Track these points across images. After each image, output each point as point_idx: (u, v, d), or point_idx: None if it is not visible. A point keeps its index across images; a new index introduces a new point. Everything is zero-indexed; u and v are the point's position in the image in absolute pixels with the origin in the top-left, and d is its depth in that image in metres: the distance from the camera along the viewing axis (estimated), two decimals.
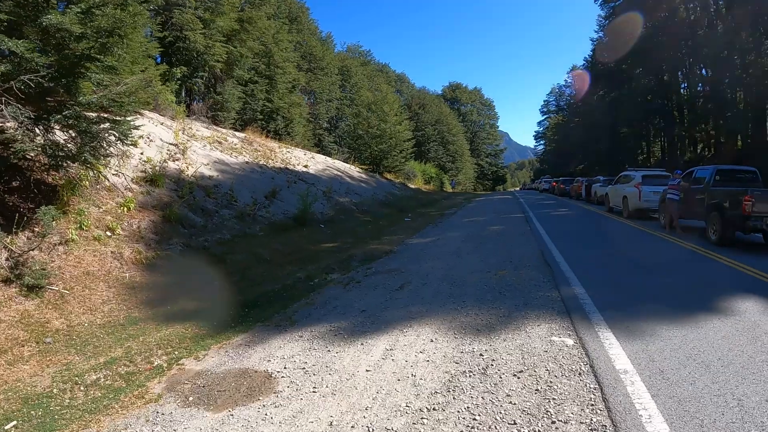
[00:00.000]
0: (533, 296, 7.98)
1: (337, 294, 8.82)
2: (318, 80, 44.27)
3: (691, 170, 16.61)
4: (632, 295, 7.97)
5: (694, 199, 15.26)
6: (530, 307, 7.37)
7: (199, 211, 13.14)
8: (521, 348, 5.73)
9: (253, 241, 12.86)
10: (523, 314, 7.02)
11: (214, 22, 25.69)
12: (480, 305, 7.51)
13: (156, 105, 19.22)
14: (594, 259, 11.25)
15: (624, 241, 14.83)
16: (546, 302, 7.61)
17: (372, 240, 15.84)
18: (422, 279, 9.60)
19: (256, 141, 25.10)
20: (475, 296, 8.08)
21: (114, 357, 5.98)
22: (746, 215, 12.46)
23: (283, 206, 17.20)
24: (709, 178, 14.94)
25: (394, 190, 36.48)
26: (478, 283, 8.99)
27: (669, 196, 16.12)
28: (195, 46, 24.51)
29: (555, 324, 6.55)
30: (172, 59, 24.73)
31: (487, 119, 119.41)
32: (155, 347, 6.32)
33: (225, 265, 10.62)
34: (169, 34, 23.79)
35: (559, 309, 7.22)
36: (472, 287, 8.73)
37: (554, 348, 5.70)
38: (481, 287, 8.70)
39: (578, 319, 6.69)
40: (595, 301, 7.56)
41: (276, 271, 10.87)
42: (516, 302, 7.64)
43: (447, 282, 9.22)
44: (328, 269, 11.15)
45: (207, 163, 16.70)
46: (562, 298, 7.81)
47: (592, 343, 5.82)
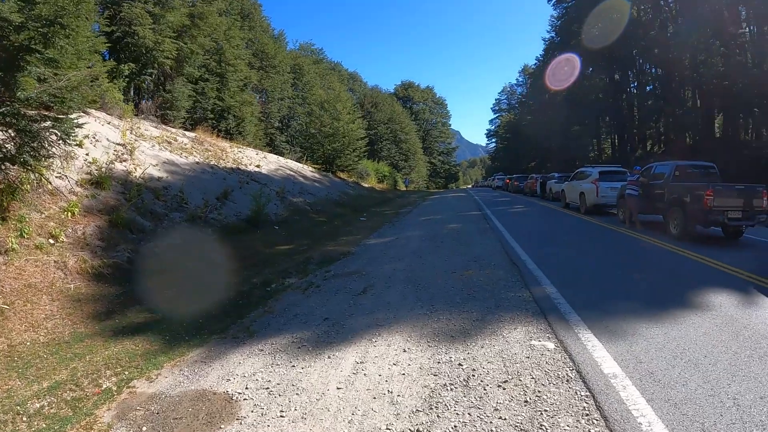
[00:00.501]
0: (504, 297, 7.83)
1: (296, 300, 8.46)
2: (270, 78, 43.55)
3: (650, 166, 16.87)
4: (605, 293, 8.01)
5: (654, 195, 15.61)
6: (503, 309, 7.22)
7: (147, 214, 12.64)
8: (501, 355, 5.54)
9: (205, 245, 12.42)
10: (497, 317, 6.85)
11: (164, 17, 24.93)
12: (450, 309, 7.31)
13: (103, 104, 18.54)
14: (559, 257, 11.26)
15: (586, 237, 14.94)
16: (519, 303, 7.49)
17: (328, 241, 15.51)
18: (385, 282, 9.34)
19: (206, 141, 24.51)
20: (443, 299, 7.87)
21: (59, 380, 5.47)
22: (707, 209, 12.85)
23: (236, 208, 16.78)
24: (668, 173, 15.27)
25: (348, 190, 36.16)
26: (445, 285, 8.80)
27: (628, 192, 16.36)
28: (144, 42, 23.68)
29: (532, 326, 6.42)
30: (120, 56, 23.84)
31: (440, 117, 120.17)
32: (103, 367, 5.84)
33: (176, 272, 10.15)
34: (117, 29, 22.98)
35: (533, 310, 7.11)
36: (439, 289, 8.52)
37: (536, 353, 5.54)
38: (449, 289, 8.51)
39: (555, 321, 6.61)
40: (568, 300, 7.51)
41: (230, 277, 10.41)
42: (487, 304, 7.47)
43: (412, 284, 8.99)
44: (285, 273, 10.81)
45: (156, 163, 16.17)
46: (534, 299, 7.71)
47: (574, 345, 5.71)
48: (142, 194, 13.23)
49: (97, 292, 8.49)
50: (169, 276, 9.82)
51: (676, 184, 14.73)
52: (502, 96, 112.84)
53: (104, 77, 19.38)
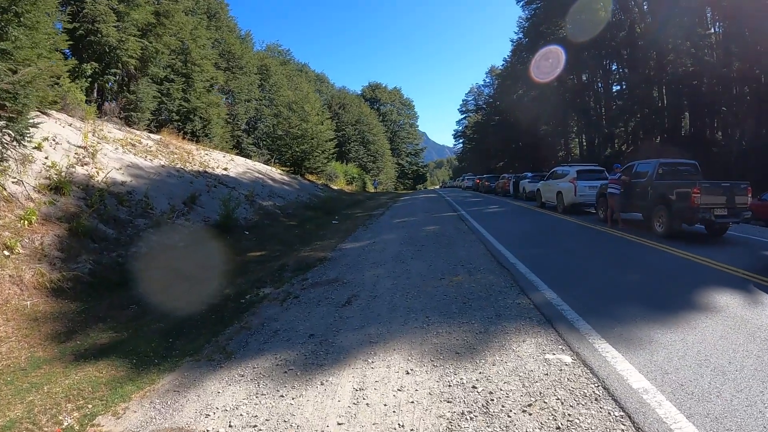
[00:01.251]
0: (503, 305, 7.37)
1: (275, 314, 7.80)
2: (237, 79, 42.73)
3: (632, 164, 16.83)
4: (607, 297, 7.73)
5: (637, 193, 15.68)
6: (505, 318, 6.76)
7: (111, 221, 11.88)
8: (517, 372, 5.03)
9: (172, 254, 11.70)
10: (501, 328, 6.37)
11: (129, 15, 24.04)
12: (448, 320, 6.77)
13: (65, 105, 17.77)
14: (549, 259, 10.93)
15: (570, 237, 14.68)
16: (520, 312, 7.04)
17: (302, 246, 14.88)
18: (370, 291, 8.76)
19: (172, 143, 23.72)
20: (438, 309, 7.32)
21: (13, 418, 4.69)
22: (695, 207, 12.89)
23: (204, 212, 16.10)
24: (652, 171, 15.23)
25: (317, 192, 35.60)
26: (436, 293, 8.25)
27: (610, 191, 16.27)
28: (108, 41, 22.75)
29: (541, 338, 5.98)
30: (83, 55, 22.93)
31: (407, 119, 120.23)
32: (64, 400, 5.06)
33: (142, 284, 9.44)
34: (79, 26, 22.08)
35: (537, 319, 6.69)
36: (430, 298, 7.97)
37: (554, 369, 5.06)
38: (441, 298, 7.97)
39: (565, 330, 6.22)
40: (572, 306, 7.16)
41: (201, 289, 9.73)
42: (487, 314, 6.98)
43: (400, 293, 8.42)
44: (260, 283, 10.15)
45: (119, 167, 15.39)
46: (535, 306, 7.30)
47: (592, 358, 5.29)
48: (105, 200, 12.49)
49: (56, 309, 7.80)
50: (135, 289, 9.14)
51: (661, 182, 14.70)
52: (470, 97, 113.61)
53: (66, 77, 18.74)
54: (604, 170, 21.39)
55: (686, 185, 13.50)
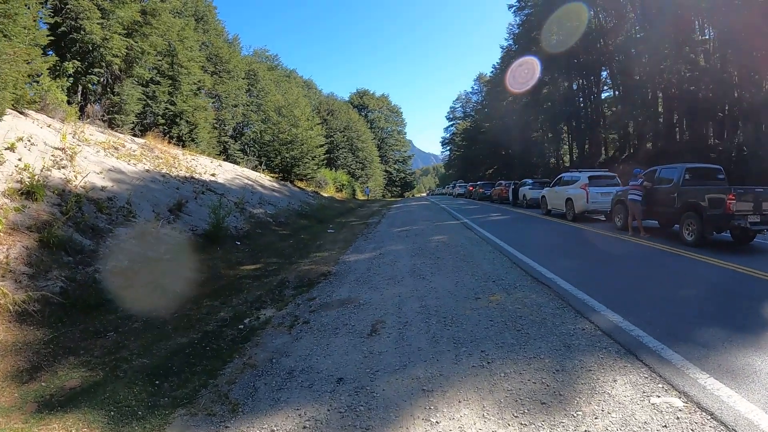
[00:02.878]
0: (565, 332, 6.25)
1: (284, 345, 6.46)
2: (224, 84, 41.49)
3: (654, 169, 16.00)
4: (678, 317, 6.74)
5: (659, 199, 15.05)
6: (577, 350, 5.63)
7: (88, 231, 10.52)
8: (629, 427, 3.90)
9: (157, 268, 10.28)
10: (579, 364, 5.22)
11: (114, 12, 22.81)
12: (510, 355, 5.56)
13: (44, 105, 16.65)
14: (588, 273, 9.85)
15: (596, 247, 13.71)
16: (591, 340, 5.94)
17: (300, 258, 13.58)
18: (396, 315, 7.47)
19: (157, 147, 22.45)
20: (490, 340, 6.10)
21: None
22: (729, 214, 12.17)
23: (191, 221, 14.81)
24: (678, 177, 14.45)
25: (309, 200, 34.45)
26: (478, 318, 7.01)
27: (632, 197, 15.45)
28: (91, 38, 21.54)
29: (633, 375, 4.95)
30: (66, 54, 21.73)
31: (395, 126, 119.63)
32: None
33: (122, 305, 8.12)
34: (62, 22, 20.88)
35: (615, 350, 5.64)
36: (474, 325, 6.72)
37: (670, 418, 4.01)
38: (486, 324, 6.74)
39: (655, 363, 5.19)
40: (646, 330, 6.17)
41: (191, 311, 8.40)
42: (552, 344, 5.84)
43: (435, 319, 7.11)
44: (259, 302, 8.84)
45: (100, 171, 14.08)
46: (604, 332, 6.22)
47: (705, 399, 4.35)
48: (82, 206, 11.15)
49: (19, 338, 6.43)
50: (113, 311, 7.82)
51: (690, 188, 13.87)
52: (457, 104, 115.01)
53: (46, 75, 17.74)
54: (616, 176, 20.67)
55: (719, 191, 12.68)
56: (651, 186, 15.32)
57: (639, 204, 15.24)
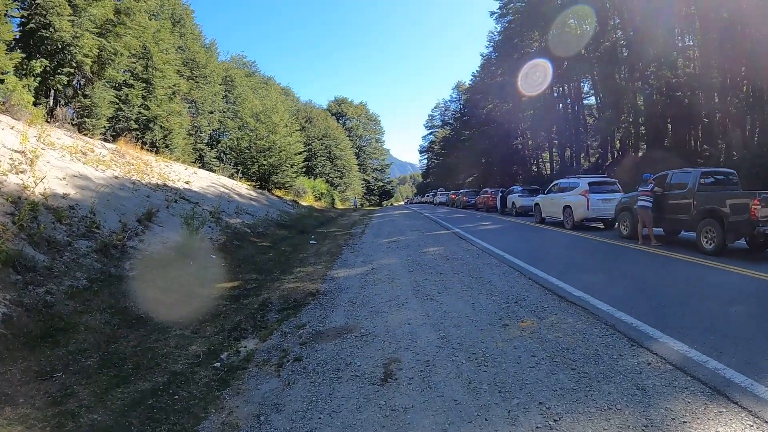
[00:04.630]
0: (629, 368, 5.20)
1: (273, 394, 5.16)
2: (200, 89, 40.27)
3: (665, 174, 15.11)
4: (746, 341, 5.84)
5: (672, 206, 14.31)
6: (654, 394, 4.61)
7: (43, 244, 9.17)
8: None
9: (120, 288, 8.94)
10: (667, 414, 4.24)
11: (86, 10, 21.56)
12: (578, 407, 4.44)
13: (9, 107, 15.77)
14: (620, 289, 8.78)
15: (612, 259, 12.57)
16: (665, 379, 4.93)
17: (283, 274, 12.30)
18: (411, 350, 6.20)
19: (129, 153, 21.10)
20: (544, 384, 4.93)
21: None
22: (755, 220, 11.36)
23: (162, 232, 13.51)
24: (693, 182, 13.64)
25: (288, 209, 33.25)
26: (517, 353, 5.82)
27: (642, 204, 14.59)
28: (61, 36, 20.33)
29: (736, 423, 4.04)
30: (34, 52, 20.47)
31: (373, 134, 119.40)
32: None
33: (75, 336, 6.77)
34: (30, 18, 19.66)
35: (699, 389, 4.69)
36: (514, 363, 5.53)
37: None
38: (529, 360, 5.58)
39: (752, 405, 4.33)
40: (722, 361, 5.25)
41: (157, 342, 7.04)
42: (621, 388, 4.77)
43: (462, 355, 5.88)
44: (238, 331, 7.56)
45: (63, 177, 12.78)
46: (675, 366, 5.26)
47: None
48: (38, 215, 9.89)
49: None
50: (64, 344, 6.46)
51: (708, 194, 13.09)
52: (436, 112, 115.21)
53: (11, 74, 17.10)
54: (617, 182, 19.76)
55: (741, 196, 11.94)
56: (661, 192, 14.57)
57: (650, 211, 14.47)
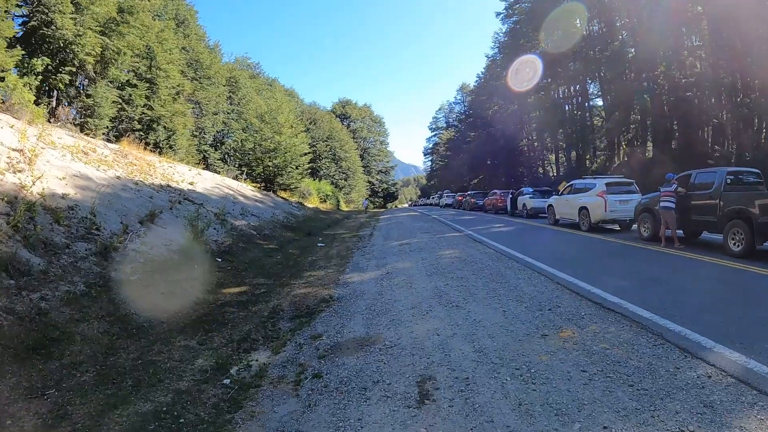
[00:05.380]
0: (690, 383, 4.70)
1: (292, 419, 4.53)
2: (204, 90, 39.66)
3: (688, 174, 14.58)
4: None
5: (697, 207, 13.69)
6: (725, 412, 4.13)
7: (39, 246, 8.58)
8: None
9: (120, 293, 8.34)
10: None
11: (89, 9, 21.09)
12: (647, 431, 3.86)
13: (9, 105, 15.42)
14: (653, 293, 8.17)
15: (637, 261, 11.99)
16: (731, 394, 4.42)
17: (292, 278, 11.69)
18: (444, 364, 5.56)
19: (131, 153, 20.57)
20: (603, 405, 4.36)
21: None
22: None
23: (166, 234, 12.94)
24: (719, 182, 13.03)
25: (293, 211, 32.75)
26: (565, 367, 5.22)
27: (665, 205, 13.96)
28: (63, 34, 19.87)
29: None
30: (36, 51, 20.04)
31: (377, 136, 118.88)
32: None
33: (70, 347, 6.19)
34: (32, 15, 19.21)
35: None
36: (564, 379, 4.94)
37: None
38: (580, 376, 4.99)
39: None
40: None
41: (159, 355, 6.43)
42: (687, 406, 4.26)
43: (505, 370, 5.25)
44: (248, 342, 6.94)
45: (63, 176, 12.21)
46: (738, 379, 4.71)
47: None
48: (35, 216, 9.35)
49: None
50: (58, 356, 5.87)
51: (735, 194, 12.50)
52: (440, 114, 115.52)
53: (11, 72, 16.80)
54: (634, 182, 19.08)
55: None
56: (685, 192, 13.99)
57: (673, 212, 13.88)
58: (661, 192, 14.27)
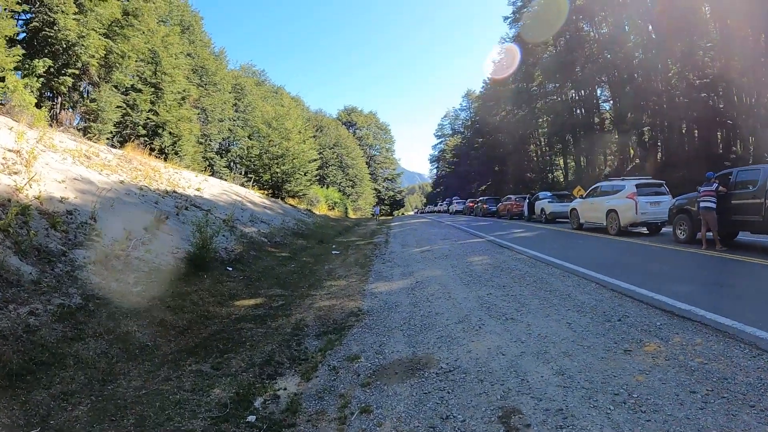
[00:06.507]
0: None
1: None
2: (210, 96, 38.86)
3: (729, 172, 13.69)
4: None
5: (735, 206, 12.85)
6: None
7: (32, 253, 7.64)
8: None
9: (121, 307, 7.38)
10: None
11: (93, 10, 20.28)
12: None
13: (9, 107, 14.84)
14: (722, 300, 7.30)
15: (684, 265, 11.08)
16: None
17: (312, 289, 10.70)
18: (526, 392, 4.56)
19: (136, 159, 19.71)
20: None
21: None
22: None
23: (172, 241, 11.98)
24: (763, 179, 12.12)
25: (303, 217, 31.79)
26: (671, 390, 4.34)
27: (706, 205, 13.15)
28: (66, 35, 19.05)
29: None
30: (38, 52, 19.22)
31: (383, 143, 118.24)
32: None
33: (61, 373, 5.21)
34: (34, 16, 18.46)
35: None
36: (677, 405, 4.09)
37: None
38: (692, 400, 4.16)
39: None
40: None
41: (166, 382, 5.41)
42: None
43: (602, 398, 4.32)
44: (272, 365, 5.92)
45: (62, 179, 11.27)
46: None
47: None
48: (29, 220, 8.44)
49: None
50: (47, 385, 4.92)
51: None
52: (445, 121, 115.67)
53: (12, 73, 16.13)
54: (664, 183, 18.12)
55: None
56: (726, 191, 13.07)
57: (714, 212, 12.99)
58: (701, 191, 13.42)
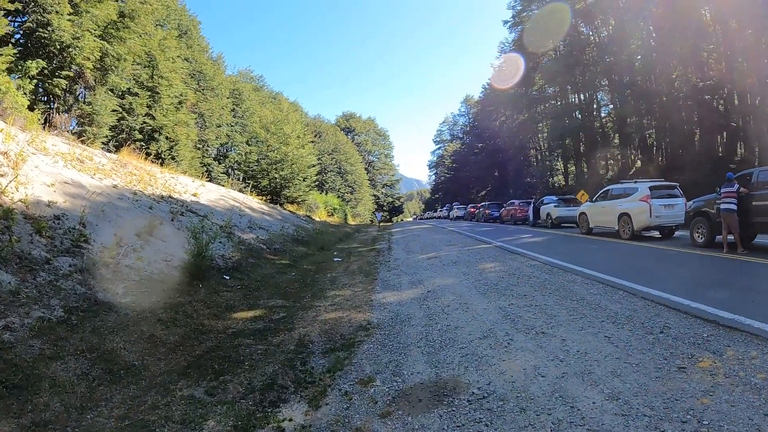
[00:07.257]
0: None
1: None
2: (207, 101, 38.23)
3: (749, 172, 13.34)
4: None
5: (758, 207, 12.38)
6: None
7: (13, 261, 6.98)
8: None
9: (107, 320, 6.73)
10: None
11: (89, 11, 19.73)
12: None
13: (2, 110, 14.38)
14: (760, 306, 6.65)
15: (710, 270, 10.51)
16: None
17: (315, 299, 10.03)
18: (579, 424, 3.86)
19: (131, 163, 19.12)
20: None
21: None
22: None
23: (166, 248, 11.34)
24: None
25: (302, 224, 31.22)
26: (743, 414, 3.75)
27: (726, 206, 12.73)
28: (60, 36, 18.50)
29: None
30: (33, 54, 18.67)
31: (382, 149, 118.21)
32: None
33: (32, 399, 4.53)
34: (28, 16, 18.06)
35: None
36: None
37: None
38: None
39: None
40: None
41: (153, 410, 4.73)
42: None
43: (671, 426, 3.68)
44: (274, 390, 5.21)
45: (51, 183, 10.63)
46: None
47: None
48: (12, 225, 7.81)
49: None
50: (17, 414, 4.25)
51: None
52: (444, 127, 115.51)
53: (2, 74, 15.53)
54: (677, 185, 17.54)
55: None
56: (747, 192, 12.58)
57: (735, 214, 12.50)
58: (722, 193, 12.91)
